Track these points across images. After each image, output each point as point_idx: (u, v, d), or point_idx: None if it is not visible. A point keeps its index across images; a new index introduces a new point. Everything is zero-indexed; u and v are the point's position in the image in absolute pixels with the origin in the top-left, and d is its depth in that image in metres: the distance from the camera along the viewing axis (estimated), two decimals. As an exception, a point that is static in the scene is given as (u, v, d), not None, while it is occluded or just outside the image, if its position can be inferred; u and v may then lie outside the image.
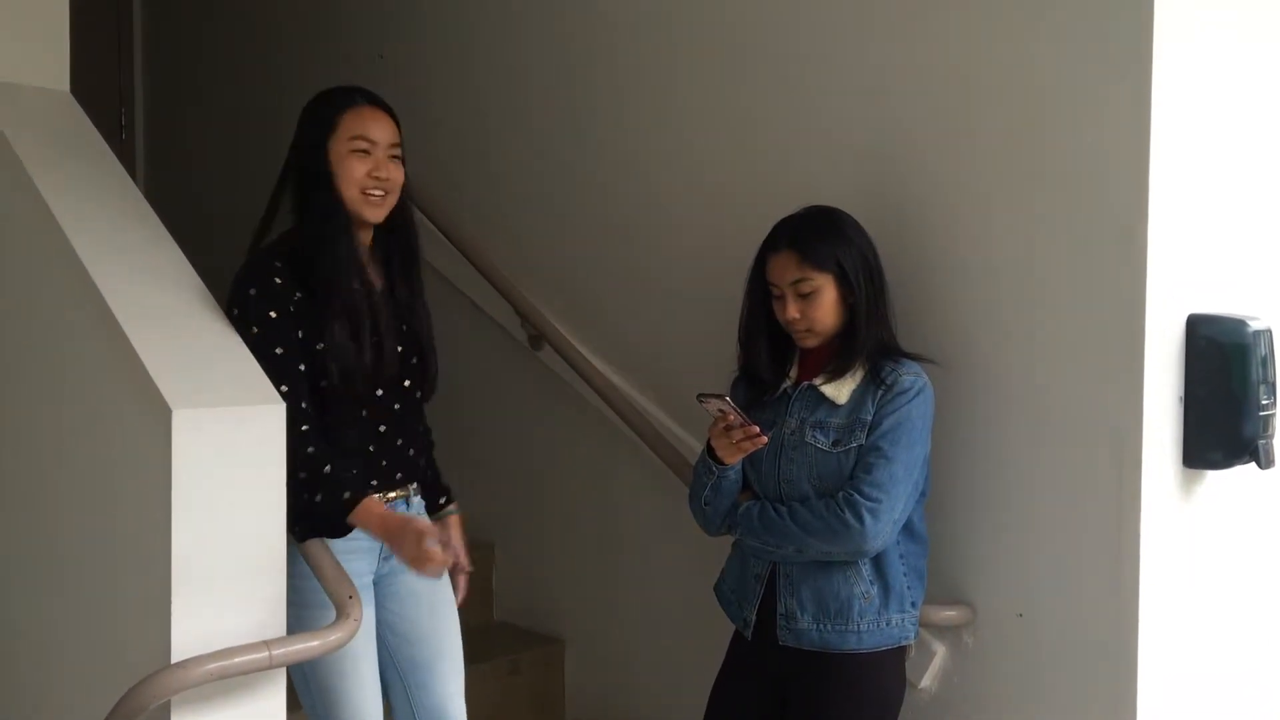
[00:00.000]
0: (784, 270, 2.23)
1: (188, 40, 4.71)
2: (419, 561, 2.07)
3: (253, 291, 2.13)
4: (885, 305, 2.27)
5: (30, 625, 2.33)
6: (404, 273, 2.30)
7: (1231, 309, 2.28)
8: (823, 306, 2.22)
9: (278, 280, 2.14)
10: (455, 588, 2.41)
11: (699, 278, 2.88)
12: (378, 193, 2.21)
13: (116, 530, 2.07)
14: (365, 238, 2.26)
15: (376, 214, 2.22)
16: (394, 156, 2.23)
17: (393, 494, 2.26)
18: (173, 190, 4.54)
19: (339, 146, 2.18)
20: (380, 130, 2.21)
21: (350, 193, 2.18)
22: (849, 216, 2.28)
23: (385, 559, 2.26)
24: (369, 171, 2.19)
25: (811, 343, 2.27)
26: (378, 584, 2.27)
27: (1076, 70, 2.22)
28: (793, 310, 2.23)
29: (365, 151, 2.19)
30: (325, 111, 2.21)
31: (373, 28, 3.78)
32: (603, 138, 3.13)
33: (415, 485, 2.35)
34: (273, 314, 2.12)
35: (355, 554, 2.20)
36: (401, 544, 2.09)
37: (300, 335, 2.14)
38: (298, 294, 2.15)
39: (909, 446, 2.17)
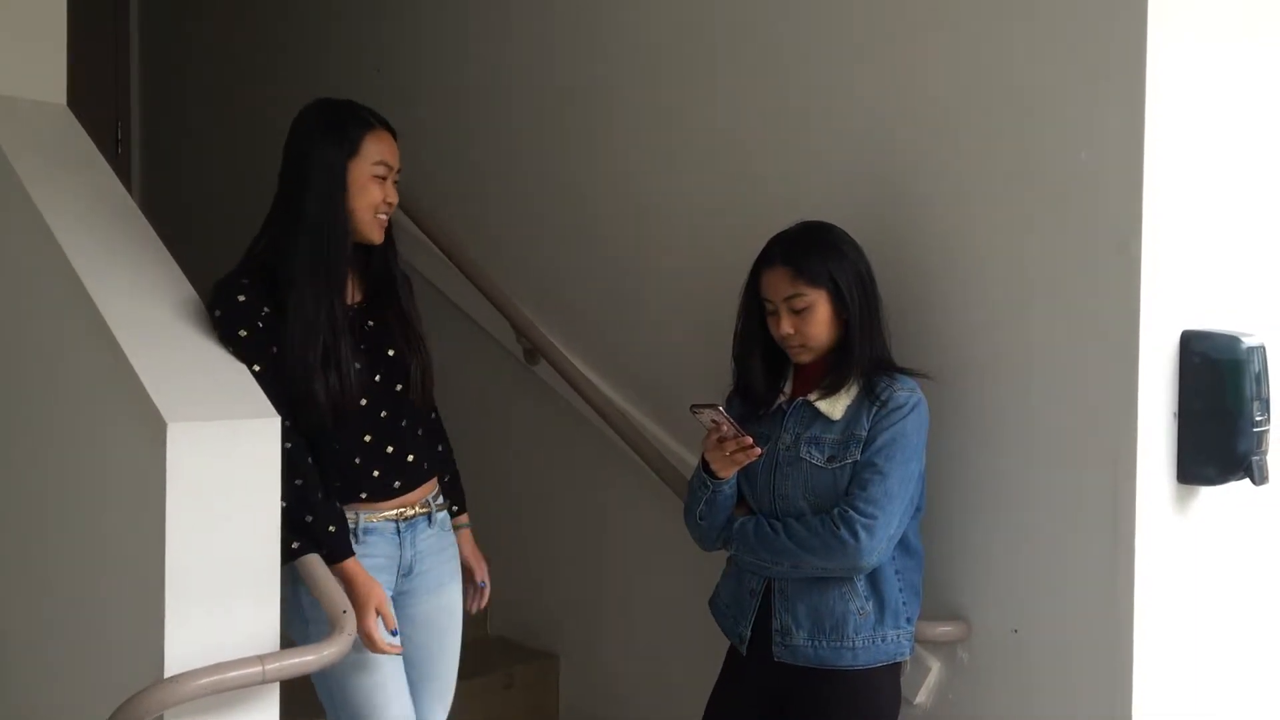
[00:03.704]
0: (778, 286, 2.24)
1: (184, 55, 4.72)
2: (366, 641, 2.10)
3: (218, 313, 2.13)
4: (880, 321, 2.27)
5: (23, 638, 2.32)
6: (385, 285, 2.30)
7: (1225, 325, 2.29)
8: (817, 322, 2.22)
9: (241, 298, 2.13)
10: (469, 596, 2.43)
11: (694, 293, 2.88)
12: (385, 216, 2.24)
13: (110, 543, 2.07)
14: None
15: (380, 236, 2.25)
16: (396, 181, 2.27)
17: (410, 511, 2.26)
18: (168, 204, 4.54)
19: (361, 169, 2.18)
20: (395, 156, 2.24)
21: (365, 215, 2.20)
22: (843, 232, 2.28)
23: (404, 576, 2.26)
24: (384, 197, 2.22)
25: (806, 358, 2.27)
26: (394, 600, 2.26)
27: (1070, 86, 2.22)
28: (787, 326, 2.23)
29: (383, 177, 2.21)
30: (348, 131, 2.19)
31: (369, 43, 3.78)
32: (598, 155, 3.13)
33: (435, 494, 2.34)
34: (242, 332, 2.11)
35: (375, 570, 2.19)
36: (361, 611, 2.10)
37: (274, 350, 2.13)
38: (265, 309, 2.13)
39: (904, 462, 2.17)
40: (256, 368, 2.10)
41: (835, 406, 2.22)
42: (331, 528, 2.11)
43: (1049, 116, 2.25)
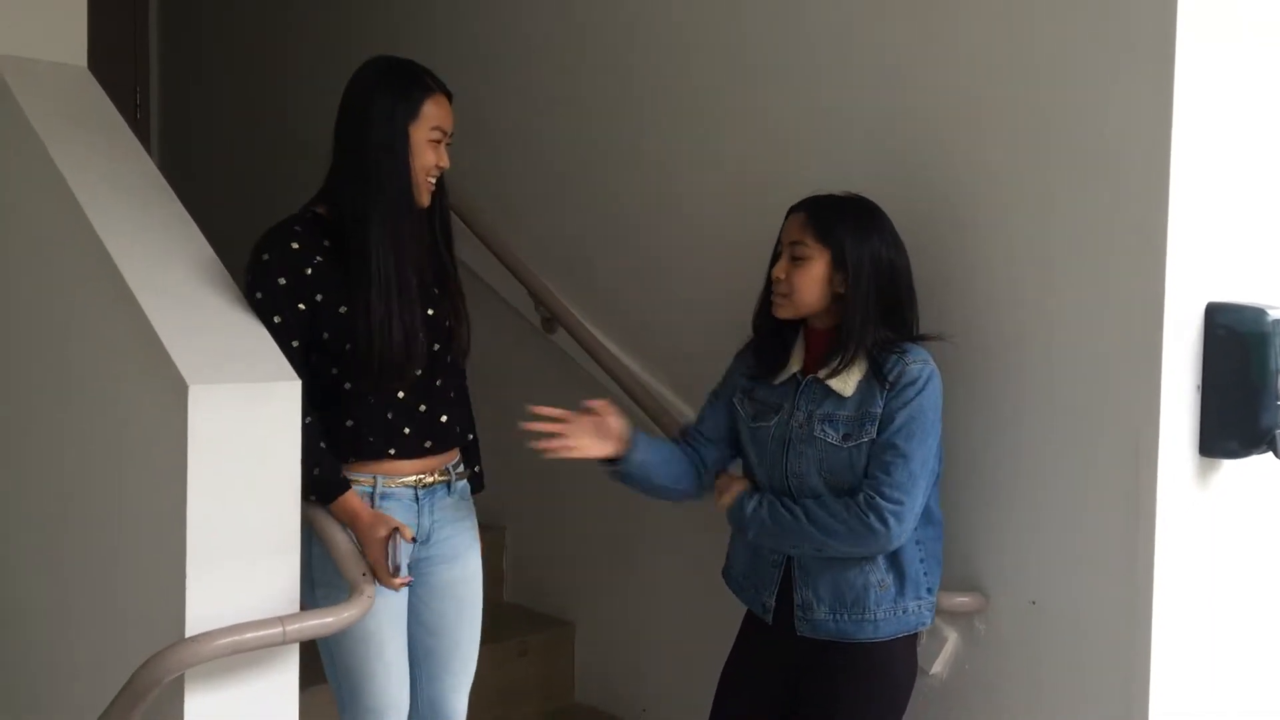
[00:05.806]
0: (790, 228, 2.24)
1: (203, 21, 4.71)
2: (378, 571, 2.10)
3: (266, 257, 2.14)
4: (895, 313, 2.21)
5: (46, 599, 2.34)
6: (445, 244, 2.34)
7: (1251, 298, 2.27)
8: (807, 275, 2.19)
9: (295, 245, 2.15)
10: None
11: (711, 261, 2.87)
12: (434, 180, 2.25)
13: (132, 505, 2.08)
14: None
15: (428, 198, 2.26)
16: (450, 144, 2.27)
17: (429, 479, 2.26)
18: (187, 170, 4.54)
19: (420, 133, 2.20)
20: (450, 121, 2.25)
21: (418, 178, 2.22)
22: (886, 218, 2.24)
23: (422, 544, 2.27)
24: (437, 161, 2.23)
25: (785, 312, 2.24)
26: (411, 569, 2.27)
27: (1098, 56, 2.20)
28: (780, 269, 2.22)
29: (438, 141, 2.23)
30: (411, 94, 2.20)
31: (387, 11, 3.77)
32: (616, 122, 3.12)
33: (456, 463, 2.35)
34: (282, 280, 2.13)
35: None
36: (367, 547, 2.11)
37: (319, 299, 2.14)
38: (318, 258, 2.16)
39: (923, 440, 2.15)
40: (276, 319, 2.12)
41: (846, 383, 2.20)
42: (315, 470, 2.10)
43: (1077, 88, 2.22)
